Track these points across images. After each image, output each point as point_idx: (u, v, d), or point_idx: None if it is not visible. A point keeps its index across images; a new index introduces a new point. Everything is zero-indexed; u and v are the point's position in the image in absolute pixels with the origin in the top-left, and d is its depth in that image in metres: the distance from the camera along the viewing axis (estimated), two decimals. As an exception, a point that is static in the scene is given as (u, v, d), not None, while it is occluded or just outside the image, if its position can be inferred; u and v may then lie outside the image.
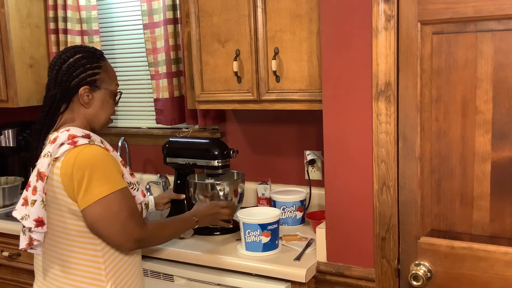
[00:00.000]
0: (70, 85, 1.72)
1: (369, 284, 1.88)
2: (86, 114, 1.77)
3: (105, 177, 1.63)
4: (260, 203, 2.64)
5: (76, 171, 1.61)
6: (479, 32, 1.60)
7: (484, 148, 1.63)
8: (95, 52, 1.80)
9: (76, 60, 1.73)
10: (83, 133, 1.70)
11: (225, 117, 2.82)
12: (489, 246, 1.66)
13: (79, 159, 1.62)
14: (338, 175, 1.89)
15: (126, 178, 1.73)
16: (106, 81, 1.78)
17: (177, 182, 2.51)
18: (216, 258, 2.08)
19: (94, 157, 1.64)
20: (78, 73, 1.72)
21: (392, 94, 1.74)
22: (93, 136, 1.72)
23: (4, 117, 3.53)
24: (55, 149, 1.66)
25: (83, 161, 1.62)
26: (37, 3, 3.13)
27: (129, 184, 1.73)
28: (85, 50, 1.78)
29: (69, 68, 1.72)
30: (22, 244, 1.71)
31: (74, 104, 1.76)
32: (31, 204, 1.66)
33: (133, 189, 1.74)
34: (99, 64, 1.77)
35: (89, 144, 1.67)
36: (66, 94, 1.73)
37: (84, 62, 1.74)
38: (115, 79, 1.84)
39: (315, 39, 2.10)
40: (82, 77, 1.73)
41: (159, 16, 2.78)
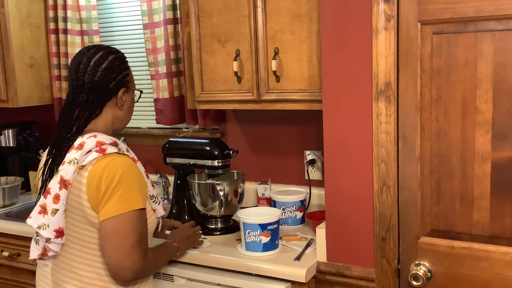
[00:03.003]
0: (108, 88, 1.68)
1: (369, 284, 1.88)
2: (115, 117, 1.75)
3: (128, 193, 1.57)
4: (260, 203, 2.64)
5: (104, 183, 1.56)
6: (479, 32, 1.60)
7: (484, 148, 1.63)
8: (121, 52, 1.78)
9: (111, 63, 1.69)
10: (111, 141, 1.65)
11: (225, 117, 2.82)
12: (489, 246, 1.66)
13: (108, 171, 1.57)
14: (338, 175, 1.89)
15: (149, 191, 1.70)
16: (132, 81, 1.79)
17: (177, 182, 2.51)
18: (216, 258, 2.08)
19: (123, 170, 1.58)
20: (115, 75, 1.69)
21: (392, 94, 1.74)
22: (120, 144, 1.68)
23: (4, 117, 3.53)
24: (81, 156, 1.59)
25: (112, 173, 1.57)
26: (37, 3, 3.14)
27: (151, 198, 1.71)
28: (114, 51, 1.74)
29: (106, 71, 1.67)
30: (34, 254, 1.65)
31: (107, 107, 1.72)
32: (51, 214, 1.58)
33: (154, 202, 1.72)
34: (128, 65, 1.77)
35: (118, 153, 1.62)
36: (104, 98, 1.69)
37: (118, 64, 1.71)
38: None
39: (315, 39, 2.10)
40: (119, 79, 1.70)
41: (159, 16, 2.78)
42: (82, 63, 1.68)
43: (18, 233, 2.61)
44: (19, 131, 3.34)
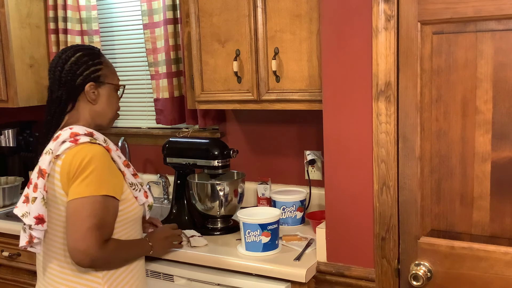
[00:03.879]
0: (75, 84, 1.73)
1: (369, 284, 1.88)
2: (92, 112, 1.77)
3: (93, 178, 1.60)
4: (260, 203, 2.64)
5: (72, 168, 1.61)
6: (479, 32, 1.60)
7: (484, 148, 1.63)
8: (94, 49, 1.82)
9: (77, 59, 1.74)
10: (86, 131, 1.69)
11: (225, 117, 2.82)
12: (489, 246, 1.66)
13: (77, 157, 1.62)
14: (338, 175, 1.89)
15: (128, 179, 1.72)
16: (109, 76, 1.79)
17: (177, 182, 2.51)
18: (216, 258, 2.08)
19: (91, 156, 1.62)
20: (81, 70, 1.73)
21: (392, 94, 1.74)
22: (96, 134, 1.71)
23: (4, 117, 3.53)
24: (56, 146, 1.66)
25: (81, 159, 1.61)
26: (37, 3, 3.13)
27: (131, 185, 1.72)
28: (84, 48, 1.80)
29: (72, 67, 1.73)
30: (22, 242, 1.71)
31: (80, 102, 1.76)
32: (31, 201, 1.65)
33: (135, 189, 1.74)
34: (100, 60, 1.79)
35: (90, 142, 1.66)
36: (72, 93, 1.74)
37: (86, 59, 1.75)
38: (116, 73, 1.86)
39: (315, 39, 2.10)
40: (86, 74, 1.74)
41: (159, 16, 2.78)
42: (55, 62, 1.76)
43: (18, 233, 2.58)
44: (19, 131, 3.34)
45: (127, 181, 1.72)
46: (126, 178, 1.72)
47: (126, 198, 1.71)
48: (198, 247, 2.18)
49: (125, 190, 1.71)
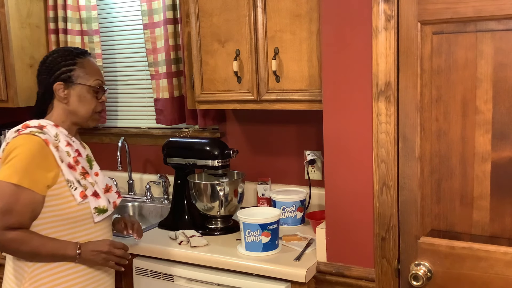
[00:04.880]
0: (49, 82, 1.82)
1: (369, 284, 1.88)
2: (66, 110, 1.83)
3: (12, 166, 1.65)
4: (260, 203, 2.64)
5: (4, 155, 1.70)
6: (479, 32, 1.60)
7: (484, 148, 1.63)
8: (73, 50, 1.88)
9: (53, 59, 1.83)
10: (38, 124, 1.76)
11: (225, 117, 2.82)
12: (489, 246, 1.66)
13: (10, 145, 1.70)
14: (338, 175, 1.89)
15: (65, 175, 1.72)
16: (82, 76, 1.82)
17: (177, 182, 2.51)
18: (216, 258, 2.08)
19: (20, 145, 1.68)
20: (53, 71, 1.81)
21: (392, 94, 1.74)
22: (47, 128, 1.75)
23: (4, 117, 3.53)
24: (10, 134, 1.75)
25: (11, 147, 1.68)
26: (37, 3, 3.13)
27: (67, 182, 1.72)
28: (63, 50, 1.89)
29: (47, 67, 1.83)
30: None
31: (55, 100, 1.84)
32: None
33: (71, 187, 1.73)
34: (74, 61, 1.83)
35: (30, 133, 1.71)
36: (47, 92, 1.83)
37: (59, 60, 1.82)
38: (96, 75, 1.87)
39: (315, 39, 2.10)
40: (57, 74, 1.81)
41: (159, 16, 2.78)
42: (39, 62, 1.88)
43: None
44: (19, 131, 3.34)
45: (64, 177, 1.72)
46: (63, 173, 1.72)
47: (58, 195, 1.71)
48: (198, 247, 2.18)
49: (58, 186, 1.71)
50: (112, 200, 1.87)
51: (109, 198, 1.86)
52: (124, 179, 3.09)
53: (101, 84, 1.88)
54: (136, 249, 2.25)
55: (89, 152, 1.92)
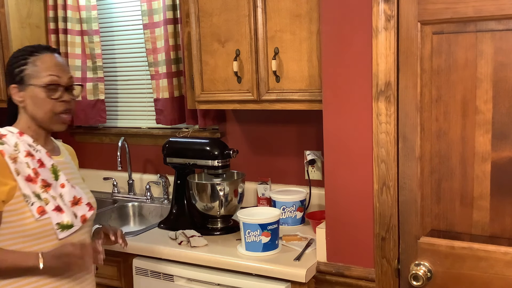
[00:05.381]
0: (6, 86, 1.71)
1: (369, 284, 1.88)
2: (27, 115, 1.69)
3: None
4: (260, 203, 2.64)
5: None
6: (479, 32, 1.60)
7: (484, 148, 1.63)
8: (27, 49, 1.71)
9: (9, 60, 1.71)
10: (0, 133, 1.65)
11: (225, 117, 2.82)
12: (489, 246, 1.66)
13: None
14: (338, 175, 1.89)
15: (22, 189, 1.59)
16: (33, 75, 1.66)
17: (177, 182, 2.51)
18: (216, 258, 2.08)
19: None
20: (9, 72, 1.69)
21: (392, 94, 1.74)
22: (7, 137, 1.64)
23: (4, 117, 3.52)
24: None
25: None
26: (37, 3, 3.13)
27: (24, 197, 1.59)
28: (19, 49, 1.72)
29: (6, 69, 1.71)
30: None
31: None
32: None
33: (27, 202, 1.59)
34: (25, 60, 1.67)
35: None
36: (7, 95, 1.72)
37: (13, 61, 1.69)
38: (49, 70, 1.67)
39: (315, 39, 2.10)
40: (10, 77, 1.69)
41: (159, 16, 2.78)
42: None
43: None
44: (19, 131, 3.34)
45: (21, 191, 1.59)
46: (19, 187, 1.59)
47: (15, 210, 1.59)
48: (198, 247, 2.18)
49: (16, 201, 1.59)
50: (80, 213, 1.70)
51: (76, 212, 1.69)
52: (124, 179, 3.09)
53: (56, 81, 1.66)
54: (136, 249, 2.25)
55: (63, 160, 1.78)
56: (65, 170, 1.74)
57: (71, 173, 1.78)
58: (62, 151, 1.83)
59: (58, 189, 1.67)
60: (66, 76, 1.69)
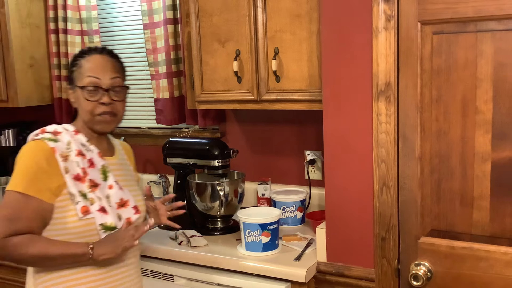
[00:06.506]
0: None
1: (369, 284, 1.88)
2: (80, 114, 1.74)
3: (16, 175, 1.62)
4: (260, 203, 2.63)
5: (16, 159, 1.65)
6: (479, 32, 1.60)
7: (484, 148, 1.63)
8: (83, 50, 1.77)
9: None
10: (54, 130, 1.69)
11: (225, 117, 2.82)
12: (489, 246, 1.66)
13: (21, 149, 1.66)
14: (338, 175, 1.89)
15: (69, 188, 1.61)
16: (78, 77, 1.70)
17: (177, 182, 2.51)
18: (216, 258, 2.08)
19: (25, 152, 1.64)
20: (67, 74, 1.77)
21: (392, 94, 1.74)
22: (61, 135, 1.67)
23: (4, 117, 3.53)
24: (29, 137, 1.70)
25: (20, 152, 1.65)
26: (37, 3, 3.13)
27: (70, 195, 1.61)
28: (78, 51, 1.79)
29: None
30: None
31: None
32: None
33: (73, 201, 1.61)
34: (76, 61, 1.72)
35: (40, 139, 1.64)
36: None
37: (70, 62, 1.76)
38: (89, 72, 1.68)
39: (315, 39, 2.10)
40: (68, 78, 1.75)
41: (159, 16, 2.78)
42: None
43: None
44: (19, 131, 3.34)
45: (68, 189, 1.61)
46: (68, 186, 1.61)
47: (62, 207, 1.61)
48: (198, 247, 2.18)
49: (62, 198, 1.61)
50: (125, 216, 1.70)
51: (121, 214, 1.69)
52: (124, 179, 3.08)
53: (95, 82, 1.67)
54: (136, 249, 2.25)
55: (116, 161, 1.79)
56: (116, 171, 1.76)
57: (123, 175, 1.80)
58: (117, 151, 1.85)
59: (105, 190, 1.69)
60: (107, 78, 1.69)
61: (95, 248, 1.58)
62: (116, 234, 1.62)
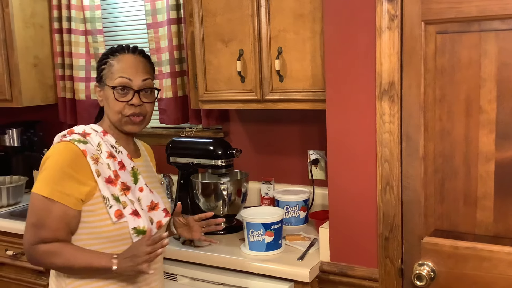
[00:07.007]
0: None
1: (372, 284, 1.88)
2: (107, 114, 1.70)
3: (44, 178, 1.55)
4: (264, 203, 2.64)
5: (41, 163, 1.60)
6: (483, 31, 1.59)
7: (488, 148, 1.63)
8: (113, 47, 1.72)
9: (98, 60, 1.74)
10: (83, 131, 1.64)
11: (229, 116, 2.82)
12: (493, 246, 1.65)
13: (47, 153, 1.60)
14: (342, 175, 1.89)
15: (101, 191, 1.57)
16: (108, 76, 1.67)
17: (181, 181, 2.52)
18: (219, 257, 2.08)
19: (53, 153, 1.58)
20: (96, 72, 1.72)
21: (396, 93, 1.74)
22: (91, 136, 1.63)
23: (8, 116, 3.54)
24: (56, 139, 1.65)
25: (47, 154, 1.59)
26: (41, 3, 3.14)
27: (103, 199, 1.57)
28: (108, 49, 1.73)
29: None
30: None
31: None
32: None
33: (106, 205, 1.58)
34: (107, 60, 1.69)
35: (69, 141, 1.59)
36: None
37: (99, 59, 1.72)
38: (121, 72, 1.65)
39: (319, 39, 2.10)
40: (96, 76, 1.71)
41: (163, 16, 2.78)
42: None
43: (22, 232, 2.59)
44: (23, 130, 3.35)
45: (101, 193, 1.57)
46: (99, 189, 1.57)
47: (93, 211, 1.58)
48: (201, 246, 2.18)
49: (94, 201, 1.57)
50: (156, 219, 1.68)
51: (152, 217, 1.67)
52: (128, 178, 3.09)
53: (126, 83, 1.64)
54: (140, 248, 2.25)
55: (142, 162, 1.77)
56: (144, 173, 1.74)
57: (149, 176, 1.78)
58: (142, 152, 1.83)
59: (136, 193, 1.66)
60: (139, 79, 1.66)
61: (118, 263, 1.54)
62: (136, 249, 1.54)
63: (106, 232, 1.59)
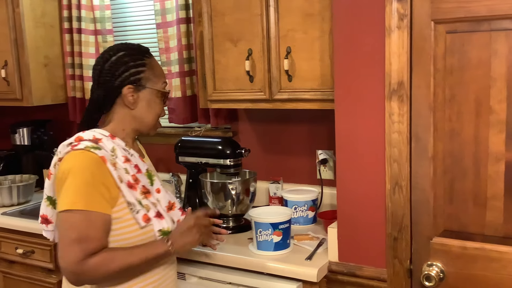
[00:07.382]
0: (113, 85, 1.62)
1: (381, 284, 1.87)
2: (129, 116, 1.65)
3: (73, 190, 1.49)
4: (272, 202, 2.64)
5: (59, 177, 1.54)
6: (493, 31, 1.58)
7: (497, 148, 1.62)
8: (140, 48, 1.69)
9: (118, 58, 1.62)
10: (93, 136, 1.59)
11: (237, 116, 2.83)
12: (502, 247, 1.64)
13: (63, 165, 1.54)
14: (350, 174, 1.88)
15: (126, 197, 1.55)
16: (151, 79, 1.65)
17: (189, 181, 2.52)
18: (227, 257, 2.09)
19: (75, 164, 1.52)
20: (120, 72, 1.61)
21: (405, 93, 1.73)
22: (103, 142, 1.58)
23: (18, 115, 3.57)
24: (62, 148, 1.60)
25: (64, 168, 1.53)
26: (51, 3, 3.16)
27: (129, 204, 1.56)
28: (128, 47, 1.67)
29: (111, 67, 1.62)
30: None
31: (117, 105, 1.65)
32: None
33: (132, 210, 1.57)
34: (143, 62, 1.64)
35: (84, 149, 1.53)
36: (109, 95, 1.63)
37: (126, 60, 1.63)
38: (162, 77, 1.70)
39: (328, 38, 2.10)
40: (125, 76, 1.62)
41: (172, 16, 2.79)
42: (97, 60, 1.68)
43: (32, 231, 2.63)
44: (34, 129, 3.38)
45: (125, 199, 1.56)
46: (123, 194, 1.55)
47: (119, 218, 1.55)
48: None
49: (119, 208, 1.55)
50: (176, 218, 1.69)
51: (172, 217, 1.68)
52: (137, 177, 3.10)
53: (167, 88, 1.71)
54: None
55: (149, 163, 1.78)
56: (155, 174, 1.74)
57: (157, 176, 1.76)
58: (144, 154, 1.83)
59: (155, 195, 1.66)
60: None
61: (173, 242, 1.57)
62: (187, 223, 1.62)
63: (133, 238, 1.57)
